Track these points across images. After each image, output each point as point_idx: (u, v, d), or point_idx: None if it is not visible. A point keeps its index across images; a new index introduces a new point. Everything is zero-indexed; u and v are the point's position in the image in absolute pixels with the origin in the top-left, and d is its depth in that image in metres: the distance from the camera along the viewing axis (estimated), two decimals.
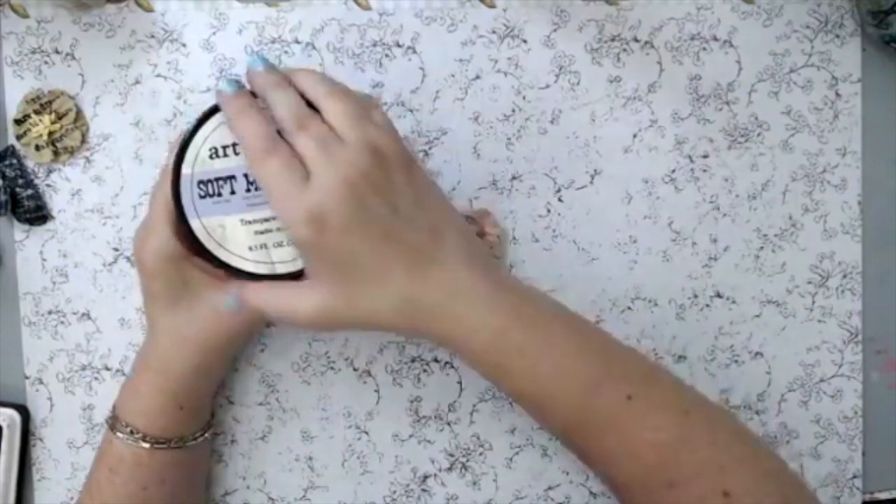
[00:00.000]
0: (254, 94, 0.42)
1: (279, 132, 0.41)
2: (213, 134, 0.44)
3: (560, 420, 0.42)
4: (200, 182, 0.43)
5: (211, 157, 0.43)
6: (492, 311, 0.41)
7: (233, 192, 0.44)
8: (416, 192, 0.41)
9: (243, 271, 0.44)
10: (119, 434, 0.46)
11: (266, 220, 0.44)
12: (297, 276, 0.44)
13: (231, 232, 0.44)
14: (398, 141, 0.41)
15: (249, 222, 0.44)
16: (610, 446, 0.41)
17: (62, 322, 0.53)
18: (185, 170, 0.43)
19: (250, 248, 0.44)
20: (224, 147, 0.43)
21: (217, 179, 0.43)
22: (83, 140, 0.53)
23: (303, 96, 0.42)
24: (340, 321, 0.41)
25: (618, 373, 0.42)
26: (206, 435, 0.49)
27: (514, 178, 0.53)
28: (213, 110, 0.44)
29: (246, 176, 0.44)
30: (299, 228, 0.39)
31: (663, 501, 0.40)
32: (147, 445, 0.46)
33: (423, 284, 0.40)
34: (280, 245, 0.44)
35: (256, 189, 0.43)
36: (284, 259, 0.44)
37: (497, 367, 0.41)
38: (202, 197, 0.43)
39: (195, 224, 0.44)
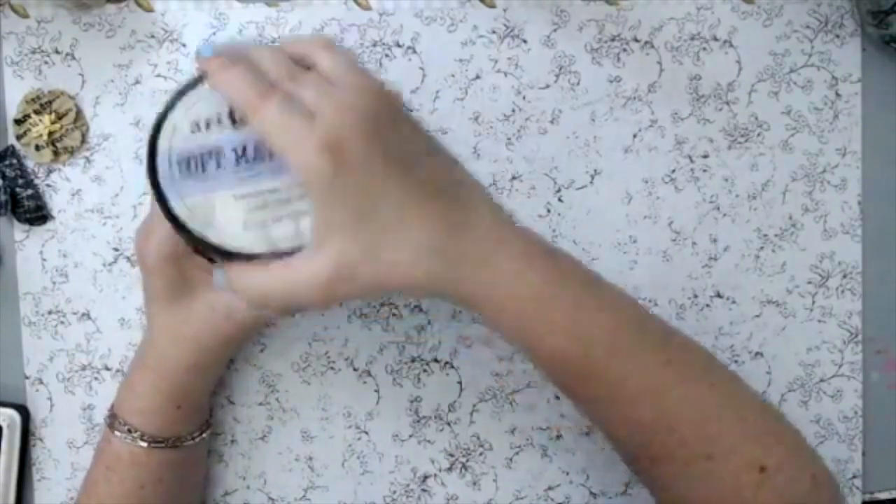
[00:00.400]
0: None
1: None
2: (193, 108, 0.39)
3: (595, 387, 0.39)
4: (181, 161, 0.39)
5: (192, 132, 0.39)
6: (531, 265, 0.37)
7: (219, 167, 0.39)
8: (422, 132, 0.38)
9: (238, 253, 0.39)
10: (117, 433, 0.46)
11: (262, 192, 0.39)
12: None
13: (221, 210, 0.39)
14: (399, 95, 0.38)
15: (242, 197, 0.39)
16: (645, 417, 0.38)
17: (62, 322, 0.53)
18: (163, 145, 0.39)
19: (245, 227, 0.39)
20: (207, 120, 0.39)
21: (201, 155, 0.39)
22: (83, 140, 0.53)
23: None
24: (356, 280, 0.35)
25: (654, 338, 0.39)
26: (204, 435, 0.49)
27: (514, 178, 0.53)
28: (193, 83, 0.40)
29: (235, 150, 0.39)
30: (313, 160, 0.34)
31: (698, 474, 0.38)
32: (145, 444, 0.46)
33: (457, 231, 0.36)
34: (280, 220, 0.39)
35: (247, 160, 0.39)
36: (286, 235, 0.38)
37: (531, 327, 0.37)
38: (184, 176, 0.39)
39: (177, 206, 0.39)
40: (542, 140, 0.53)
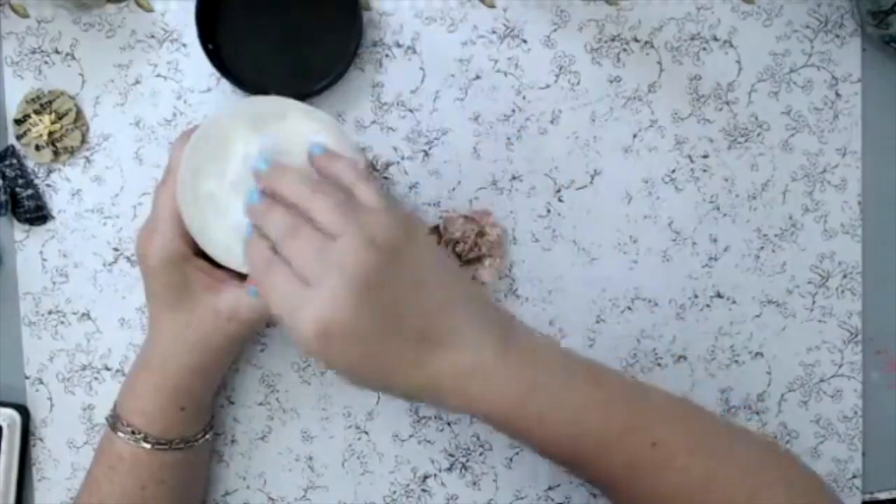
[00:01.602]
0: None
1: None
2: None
3: (587, 473, 0.42)
4: None
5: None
6: (507, 385, 0.39)
7: None
8: (418, 270, 0.39)
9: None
10: (120, 433, 0.46)
11: None
12: None
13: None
14: (391, 218, 0.39)
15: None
16: (639, 492, 0.41)
17: (62, 322, 0.53)
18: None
19: None
20: None
21: None
22: (83, 140, 0.53)
23: None
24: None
25: (640, 420, 0.41)
26: (207, 437, 0.49)
27: (514, 178, 0.53)
28: None
29: None
30: (310, 344, 0.37)
31: None
32: (148, 446, 0.46)
33: (434, 371, 0.39)
34: None
35: None
36: None
37: (520, 432, 0.41)
38: None
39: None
40: (542, 140, 0.52)
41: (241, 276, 0.45)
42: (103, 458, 0.47)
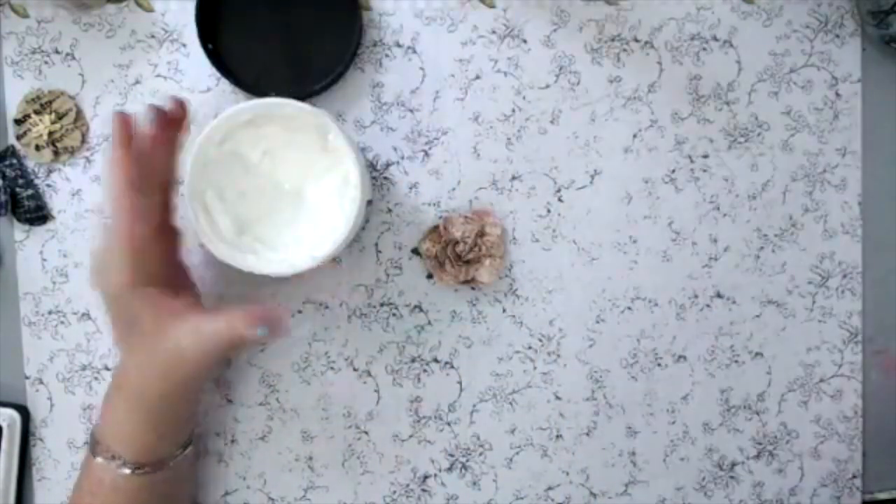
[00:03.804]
0: None
1: None
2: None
3: None
4: None
5: None
6: None
7: None
8: None
9: None
10: (99, 458, 0.45)
11: None
12: None
13: None
14: None
15: None
16: None
17: (62, 322, 0.53)
18: None
19: None
20: None
21: None
22: (83, 140, 0.53)
23: None
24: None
25: None
26: (186, 452, 0.48)
27: (514, 178, 0.53)
28: None
29: None
30: None
31: None
32: (127, 471, 0.44)
33: None
34: None
35: None
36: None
37: None
38: None
39: None
40: (542, 140, 0.53)
41: (201, 305, 0.45)
42: (84, 483, 0.46)
